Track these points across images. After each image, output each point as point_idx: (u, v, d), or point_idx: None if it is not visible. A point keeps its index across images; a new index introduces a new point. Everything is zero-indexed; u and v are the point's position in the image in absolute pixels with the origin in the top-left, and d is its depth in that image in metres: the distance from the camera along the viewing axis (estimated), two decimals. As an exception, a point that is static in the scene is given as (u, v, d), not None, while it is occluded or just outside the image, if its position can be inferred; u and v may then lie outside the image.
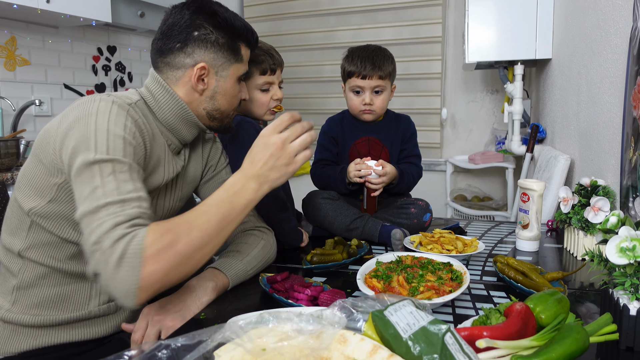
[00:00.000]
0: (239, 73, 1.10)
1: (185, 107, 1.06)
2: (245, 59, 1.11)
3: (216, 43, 1.03)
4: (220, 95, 1.08)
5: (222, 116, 1.12)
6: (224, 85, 1.08)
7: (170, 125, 1.06)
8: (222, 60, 1.05)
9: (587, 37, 1.70)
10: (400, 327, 0.60)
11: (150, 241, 0.78)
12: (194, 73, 1.03)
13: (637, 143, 1.13)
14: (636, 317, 0.76)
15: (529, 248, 1.34)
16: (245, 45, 1.10)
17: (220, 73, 1.06)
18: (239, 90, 1.13)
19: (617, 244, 0.77)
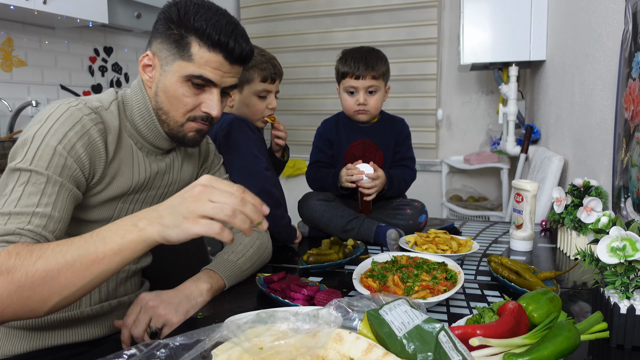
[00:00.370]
0: (184, 72, 0.96)
1: (151, 110, 1.02)
2: (199, 59, 0.96)
3: (165, 34, 0.97)
4: (162, 92, 0.99)
5: (168, 120, 1.01)
6: (165, 81, 0.98)
7: (140, 130, 1.02)
8: (166, 52, 0.97)
9: (580, 40, 1.71)
10: (395, 325, 0.61)
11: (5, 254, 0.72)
12: (140, 60, 1.01)
13: (628, 144, 1.15)
14: (626, 315, 0.77)
15: (523, 248, 1.35)
16: (201, 43, 0.95)
17: (165, 67, 0.98)
18: (184, 93, 0.98)
19: (607, 244, 0.79)
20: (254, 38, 3.57)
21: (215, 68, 0.97)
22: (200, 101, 1.00)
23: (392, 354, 0.58)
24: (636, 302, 0.78)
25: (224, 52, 0.97)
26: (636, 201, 1.10)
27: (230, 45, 0.97)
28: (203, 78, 0.97)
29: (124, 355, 0.60)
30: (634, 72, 1.12)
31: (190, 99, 0.99)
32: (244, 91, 1.48)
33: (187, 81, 0.97)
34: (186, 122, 1.02)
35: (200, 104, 1.00)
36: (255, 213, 0.76)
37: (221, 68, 0.98)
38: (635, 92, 1.11)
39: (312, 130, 1.78)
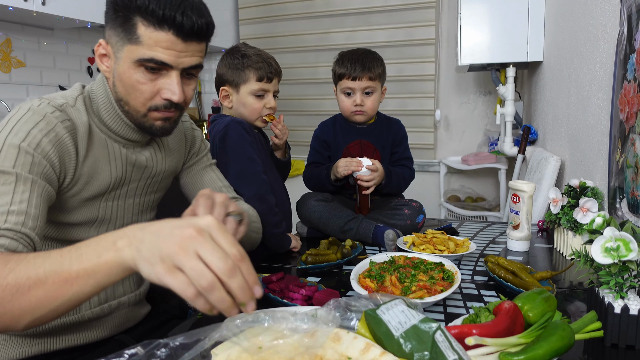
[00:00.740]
0: (134, 56, 0.89)
1: (111, 98, 0.96)
2: (147, 40, 0.87)
3: (112, 19, 0.91)
4: (118, 81, 0.93)
5: (130, 110, 0.95)
6: (119, 68, 0.92)
7: (104, 122, 0.97)
8: (116, 38, 0.90)
9: (576, 41, 1.73)
10: (392, 325, 0.62)
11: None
12: (95, 50, 0.95)
13: (623, 145, 1.16)
14: (620, 315, 0.78)
15: (520, 248, 1.36)
16: (146, 22, 0.87)
17: (117, 54, 0.91)
18: (139, 80, 0.91)
19: (602, 244, 0.80)
20: (252, 39, 3.58)
21: (167, 48, 0.88)
22: (158, 87, 0.92)
23: (389, 353, 0.59)
24: (630, 301, 0.79)
25: (173, 29, 0.87)
26: (631, 202, 1.11)
27: (177, 20, 0.87)
28: (155, 61, 0.88)
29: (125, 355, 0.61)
30: (629, 74, 1.13)
31: (146, 85, 0.91)
32: (241, 91, 1.49)
33: (140, 66, 0.90)
34: (148, 112, 0.94)
35: (159, 90, 0.92)
36: (242, 291, 0.60)
37: (174, 47, 0.89)
38: (630, 93, 1.12)
39: (311, 130, 1.79)
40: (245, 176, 1.36)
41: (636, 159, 1.07)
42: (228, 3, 3.64)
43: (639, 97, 1.07)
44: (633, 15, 1.12)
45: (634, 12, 1.11)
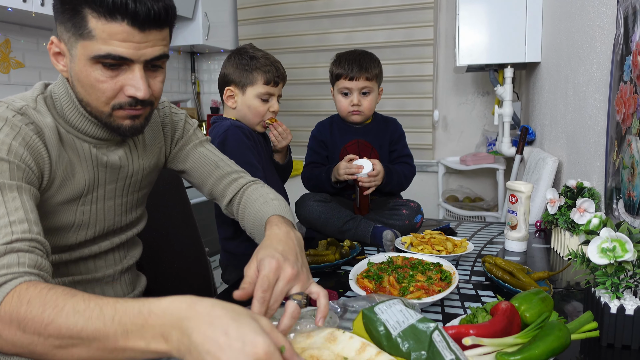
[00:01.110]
0: (88, 53, 0.81)
1: (73, 97, 0.89)
2: (101, 34, 0.79)
3: (59, 12, 0.82)
4: (75, 80, 0.86)
5: (93, 110, 0.87)
6: (75, 67, 0.84)
7: (71, 122, 0.90)
8: (67, 34, 0.82)
9: (574, 42, 1.73)
10: (390, 324, 0.63)
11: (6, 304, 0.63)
12: (48, 48, 0.87)
13: (620, 146, 1.17)
14: (616, 315, 0.79)
15: (517, 248, 1.37)
16: (95, 13, 0.78)
17: (71, 52, 0.83)
18: (97, 78, 0.83)
19: (598, 245, 0.80)
20: (251, 39, 3.59)
21: (123, 40, 0.80)
22: (120, 84, 0.84)
23: (385, 353, 0.60)
24: (626, 302, 0.80)
25: (127, 18, 0.78)
26: (627, 202, 1.12)
27: (130, 7, 0.78)
28: (113, 56, 0.80)
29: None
30: (625, 76, 1.14)
31: (107, 84, 0.83)
32: (247, 93, 1.50)
33: (97, 63, 0.81)
34: (113, 112, 0.87)
35: (122, 87, 0.85)
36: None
37: (132, 39, 0.80)
38: (627, 95, 1.13)
39: (309, 131, 1.80)
40: None
41: (632, 159, 1.08)
42: (227, 3, 3.64)
43: (635, 99, 1.08)
44: (629, 17, 1.13)
45: (631, 14, 1.12)
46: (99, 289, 1.03)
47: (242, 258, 1.52)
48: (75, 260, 0.98)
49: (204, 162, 1.12)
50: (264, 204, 1.02)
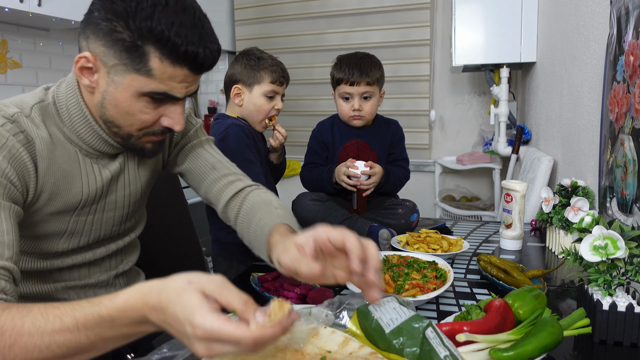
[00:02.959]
0: (142, 88, 0.80)
1: (85, 112, 0.87)
2: (161, 74, 0.78)
3: (109, 35, 0.77)
4: (110, 104, 0.83)
5: (120, 132, 0.86)
6: (115, 93, 0.81)
7: (79, 135, 0.88)
8: (114, 59, 0.78)
9: (568, 42, 1.75)
10: (384, 322, 0.63)
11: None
12: (76, 60, 0.81)
13: (613, 145, 1.18)
14: (609, 312, 0.80)
15: (512, 247, 1.38)
16: (161, 55, 0.77)
17: (112, 76, 0.80)
18: (141, 109, 0.82)
19: (590, 243, 0.81)
20: (248, 40, 3.60)
21: (180, 82, 0.81)
22: (160, 114, 0.85)
23: (367, 347, 0.61)
24: (618, 298, 0.81)
25: (191, 64, 0.80)
26: (620, 201, 1.13)
27: (200, 56, 0.79)
28: (169, 95, 0.82)
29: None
30: (619, 75, 1.15)
31: (148, 115, 0.84)
32: (254, 91, 1.56)
33: (145, 96, 0.81)
34: (143, 136, 0.88)
35: (160, 117, 0.86)
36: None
37: (186, 80, 0.82)
38: (620, 94, 1.14)
39: (306, 130, 1.81)
40: None
41: (625, 158, 1.09)
42: (224, 4, 3.64)
43: (628, 98, 1.09)
44: (622, 17, 1.14)
45: (623, 14, 1.13)
46: (91, 293, 1.00)
47: (232, 248, 1.54)
48: (69, 267, 0.96)
49: (200, 164, 1.06)
50: (268, 212, 0.94)
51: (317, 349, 0.62)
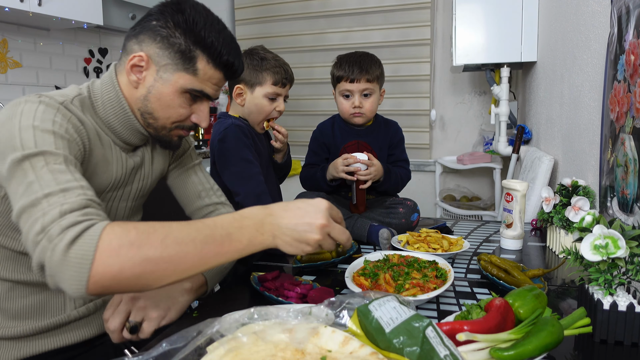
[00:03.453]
0: (186, 85, 0.95)
1: (124, 104, 0.98)
2: (203, 75, 0.96)
3: (166, 39, 0.93)
4: (154, 97, 0.96)
5: (156, 124, 0.99)
6: (161, 88, 0.95)
7: (112, 126, 0.99)
8: (167, 60, 0.94)
9: (569, 42, 1.74)
10: (384, 321, 0.63)
11: (110, 233, 0.70)
12: (130, 59, 0.94)
13: (614, 145, 1.18)
14: (609, 311, 0.79)
15: (513, 246, 1.38)
16: (209, 60, 0.95)
17: (161, 73, 0.95)
18: (180, 104, 0.97)
19: (591, 242, 0.81)
20: (248, 39, 3.59)
21: (215, 84, 0.99)
22: (191, 112, 1.01)
23: (367, 346, 0.61)
24: (619, 298, 0.81)
25: (226, 70, 0.99)
26: (621, 200, 1.13)
27: (235, 65, 0.99)
28: (203, 93, 0.98)
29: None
30: (619, 75, 1.15)
31: (184, 109, 0.99)
32: (255, 92, 1.55)
33: (186, 93, 0.97)
34: (173, 129, 1.01)
35: (191, 114, 1.01)
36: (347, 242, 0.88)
37: (219, 84, 1.00)
38: (620, 94, 1.14)
39: (307, 130, 1.81)
40: (241, 177, 1.40)
41: (626, 158, 1.09)
42: (224, 3, 3.65)
43: (628, 97, 1.09)
44: (623, 17, 1.13)
45: (624, 14, 1.13)
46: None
47: None
48: None
49: (188, 188, 1.18)
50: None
51: (318, 348, 0.62)
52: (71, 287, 0.69)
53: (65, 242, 0.69)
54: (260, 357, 0.60)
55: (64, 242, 0.69)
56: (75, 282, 0.69)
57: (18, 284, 0.98)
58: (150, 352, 0.61)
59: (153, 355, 0.61)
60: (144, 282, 0.72)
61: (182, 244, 0.73)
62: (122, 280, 0.70)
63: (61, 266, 0.69)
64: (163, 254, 0.72)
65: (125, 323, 0.88)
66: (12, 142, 0.80)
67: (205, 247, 0.75)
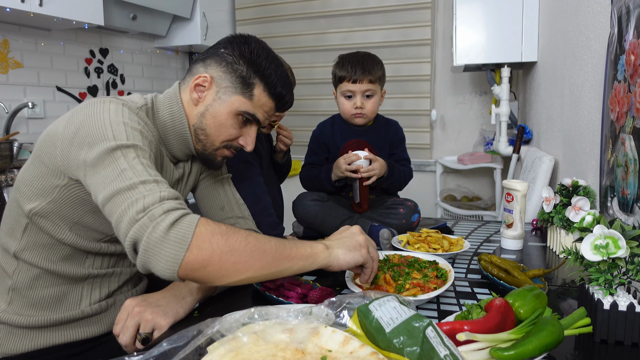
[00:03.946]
0: (241, 108, 1.04)
1: (183, 118, 1.06)
2: (257, 101, 1.05)
3: (231, 65, 1.03)
4: (210, 115, 1.05)
5: (206, 141, 1.07)
6: (218, 107, 1.04)
7: (167, 137, 1.07)
8: (228, 83, 1.04)
9: (569, 42, 1.74)
10: (384, 321, 0.63)
11: (205, 222, 0.78)
12: (195, 78, 1.04)
13: (614, 145, 1.18)
14: (609, 311, 0.79)
15: (513, 246, 1.38)
16: (264, 88, 1.05)
17: (221, 94, 1.04)
18: (232, 124, 1.06)
19: (591, 242, 0.81)
20: (249, 39, 3.60)
21: (266, 111, 1.08)
22: (240, 134, 1.08)
23: (367, 346, 0.61)
24: (619, 298, 0.81)
25: (278, 101, 1.08)
26: (621, 200, 1.13)
27: (286, 98, 1.09)
28: (255, 117, 1.06)
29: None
30: (619, 75, 1.15)
31: (234, 130, 1.06)
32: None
33: (239, 115, 1.05)
34: (220, 149, 1.09)
35: (238, 136, 1.09)
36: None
37: (269, 112, 1.09)
38: (620, 94, 1.14)
39: (307, 130, 1.81)
40: (241, 179, 1.40)
41: (626, 158, 1.09)
42: (225, 4, 3.65)
43: (629, 97, 1.09)
44: (623, 17, 1.13)
45: (624, 14, 1.13)
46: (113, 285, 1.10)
47: None
48: (123, 254, 1.08)
49: (213, 200, 1.23)
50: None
51: (318, 348, 0.62)
52: (165, 265, 0.75)
53: (167, 223, 0.75)
54: (260, 356, 0.60)
55: (166, 222, 0.75)
56: (171, 261, 0.75)
57: (45, 273, 1.01)
58: (151, 352, 0.61)
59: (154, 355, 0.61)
60: (224, 273, 0.79)
61: (261, 243, 0.82)
62: (208, 267, 0.77)
63: (160, 244, 0.75)
64: (246, 248, 0.80)
65: (137, 335, 0.89)
66: (104, 133, 0.86)
67: (279, 249, 0.84)
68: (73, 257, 1.02)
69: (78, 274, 1.03)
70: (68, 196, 0.95)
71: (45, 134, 0.97)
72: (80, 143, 0.87)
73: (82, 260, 1.04)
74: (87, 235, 1.01)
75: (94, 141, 0.85)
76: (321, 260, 0.89)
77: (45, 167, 0.94)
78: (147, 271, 0.78)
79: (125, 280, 1.12)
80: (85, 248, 1.02)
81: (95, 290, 1.06)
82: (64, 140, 0.90)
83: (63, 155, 0.90)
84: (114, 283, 1.09)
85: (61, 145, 0.91)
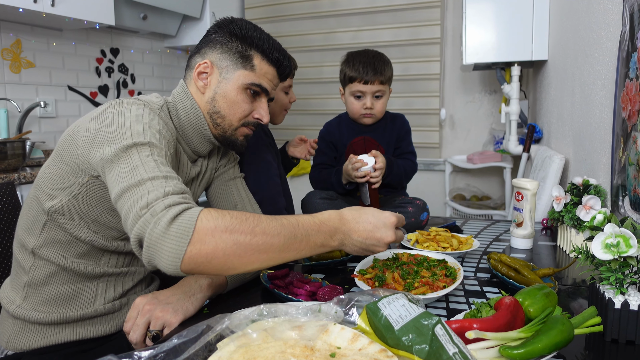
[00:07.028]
0: (246, 81, 1.08)
1: (197, 109, 1.09)
2: (259, 70, 1.10)
3: (225, 45, 1.08)
4: (220, 97, 1.09)
5: (224, 123, 1.11)
6: (225, 87, 1.08)
7: (185, 134, 1.10)
8: (227, 62, 1.08)
9: (580, 40, 1.73)
10: (393, 318, 0.63)
11: (207, 215, 0.77)
12: (196, 67, 1.08)
13: (626, 143, 1.17)
14: (620, 310, 0.79)
15: (523, 246, 1.37)
16: (262, 57, 1.10)
17: (224, 74, 1.08)
18: (243, 99, 1.10)
19: (602, 241, 0.80)
20: (258, 39, 3.61)
21: (270, 79, 1.12)
22: (253, 108, 1.12)
23: (376, 343, 0.61)
24: (630, 297, 0.80)
25: (278, 67, 1.13)
26: (633, 199, 1.12)
27: (284, 63, 1.14)
28: (261, 87, 1.10)
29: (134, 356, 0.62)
30: (631, 72, 1.14)
31: (247, 105, 1.10)
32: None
33: (246, 89, 1.09)
34: (240, 127, 1.12)
35: (252, 111, 1.12)
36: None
37: (273, 80, 1.13)
38: (632, 92, 1.13)
39: (315, 129, 1.82)
40: (259, 179, 1.40)
41: (638, 156, 1.08)
42: (234, 3, 3.66)
43: (641, 95, 1.08)
44: (635, 14, 1.12)
45: (636, 11, 1.12)
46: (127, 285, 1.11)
47: None
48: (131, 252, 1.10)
49: (226, 198, 1.26)
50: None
51: (327, 345, 0.62)
52: (168, 260, 0.75)
53: (167, 218, 0.75)
54: (269, 353, 0.60)
55: (166, 218, 0.75)
56: (173, 255, 0.74)
57: (61, 270, 1.03)
58: (161, 347, 0.62)
59: (164, 350, 0.61)
60: (231, 265, 0.78)
61: (269, 235, 0.80)
62: (213, 260, 0.76)
63: (162, 240, 0.75)
64: (252, 241, 0.79)
65: (147, 333, 0.90)
66: (123, 131, 0.89)
67: (287, 241, 0.83)
68: (89, 254, 1.04)
69: (93, 272, 1.05)
70: (88, 194, 0.97)
71: (67, 133, 0.99)
72: (101, 142, 0.90)
73: (98, 258, 1.05)
74: (105, 233, 1.02)
75: (113, 139, 0.88)
76: (327, 250, 0.90)
77: (67, 165, 0.96)
78: (154, 267, 0.78)
79: (139, 280, 1.14)
80: (102, 246, 1.03)
81: (109, 289, 1.08)
82: (85, 140, 0.93)
83: (84, 153, 0.93)
84: (128, 282, 1.11)
85: (82, 145, 0.93)
